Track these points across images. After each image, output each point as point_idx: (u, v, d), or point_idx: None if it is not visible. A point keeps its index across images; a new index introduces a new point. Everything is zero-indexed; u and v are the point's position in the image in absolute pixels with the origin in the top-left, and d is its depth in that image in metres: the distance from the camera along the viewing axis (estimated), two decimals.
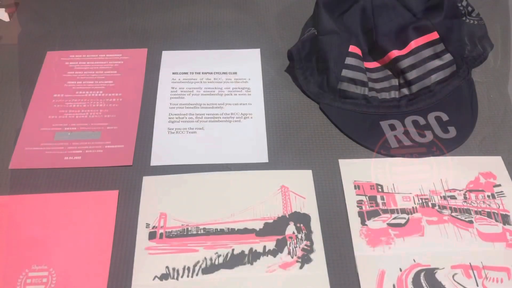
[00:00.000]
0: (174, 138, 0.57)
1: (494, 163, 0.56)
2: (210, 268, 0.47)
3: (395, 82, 0.62)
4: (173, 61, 0.65)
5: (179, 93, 0.61)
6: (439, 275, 0.47)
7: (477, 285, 0.47)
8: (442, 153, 0.56)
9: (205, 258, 0.48)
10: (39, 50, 0.66)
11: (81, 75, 0.63)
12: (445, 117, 0.59)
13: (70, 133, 0.57)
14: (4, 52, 0.65)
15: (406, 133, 0.58)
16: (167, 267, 0.47)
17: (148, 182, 0.53)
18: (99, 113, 0.59)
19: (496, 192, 0.53)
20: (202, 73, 0.64)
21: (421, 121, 0.59)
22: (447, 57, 0.61)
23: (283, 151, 0.57)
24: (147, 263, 0.47)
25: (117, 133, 0.57)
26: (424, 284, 0.47)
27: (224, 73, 0.64)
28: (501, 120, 0.60)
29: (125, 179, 0.53)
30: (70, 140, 0.56)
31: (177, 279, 0.47)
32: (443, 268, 0.48)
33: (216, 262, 0.48)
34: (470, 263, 0.48)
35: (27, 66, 0.64)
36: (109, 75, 0.63)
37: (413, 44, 0.61)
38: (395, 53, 0.61)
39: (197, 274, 0.47)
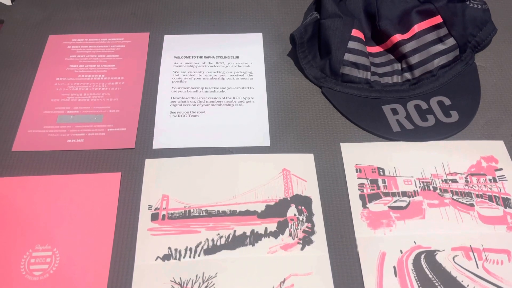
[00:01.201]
0: (176, 122, 0.57)
1: (496, 147, 0.56)
2: (212, 249, 0.48)
3: (397, 66, 0.62)
4: (175, 45, 0.65)
5: (181, 77, 0.61)
6: (439, 257, 0.47)
7: (477, 267, 0.47)
8: (444, 137, 0.56)
9: (207, 239, 0.48)
10: (41, 34, 0.66)
11: (83, 59, 0.63)
12: (447, 102, 0.59)
13: (73, 116, 0.57)
14: (6, 36, 0.65)
15: (408, 117, 0.58)
16: (169, 247, 0.48)
17: (150, 165, 0.53)
18: (101, 96, 0.59)
19: (497, 176, 0.53)
20: (204, 57, 0.64)
21: (423, 105, 0.59)
22: (450, 41, 0.61)
23: (285, 135, 0.57)
24: (150, 244, 0.48)
25: (119, 116, 0.57)
26: (424, 266, 0.47)
27: (226, 57, 0.64)
28: (504, 105, 0.60)
29: (127, 162, 0.54)
30: (73, 123, 0.56)
31: (179, 259, 0.47)
32: (444, 250, 0.48)
33: (218, 243, 0.48)
34: (470, 245, 0.48)
35: (29, 50, 0.64)
36: (111, 59, 0.63)
37: (416, 28, 0.61)
38: (397, 37, 0.61)
39: (199, 255, 0.47)
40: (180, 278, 0.46)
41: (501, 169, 0.54)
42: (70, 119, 0.57)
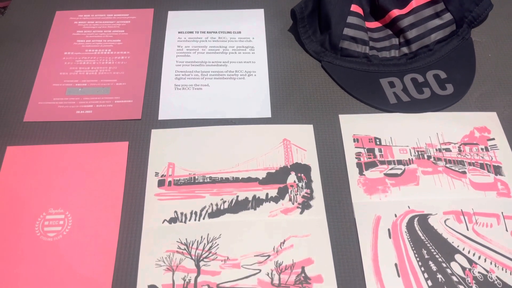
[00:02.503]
0: (181, 94, 0.59)
1: (489, 118, 0.58)
2: (216, 213, 0.50)
3: (395, 41, 0.64)
4: (178, 20, 0.67)
5: (185, 51, 0.63)
6: (431, 220, 0.50)
7: (467, 229, 0.49)
8: (439, 109, 0.58)
9: (211, 204, 0.51)
10: (48, 10, 0.67)
11: (90, 34, 0.65)
12: (443, 75, 0.61)
13: (81, 89, 0.59)
14: (14, 12, 0.67)
15: (405, 90, 0.60)
16: (175, 211, 0.50)
17: (157, 135, 0.56)
18: (108, 70, 0.61)
19: (489, 145, 0.56)
20: (207, 32, 0.65)
21: (420, 78, 0.61)
22: (447, 16, 0.62)
23: (286, 107, 0.59)
24: (157, 208, 0.50)
25: (125, 89, 0.59)
26: (417, 229, 0.49)
27: (228, 32, 0.66)
28: (498, 78, 0.62)
29: (134, 132, 0.56)
30: (81, 95, 0.58)
31: (185, 222, 0.50)
32: (436, 214, 0.50)
33: (222, 208, 0.51)
34: (461, 210, 0.51)
35: (37, 25, 0.66)
36: (117, 34, 0.65)
37: (414, 3, 0.62)
38: (395, 12, 0.62)
39: (203, 218, 0.50)
40: (186, 239, 0.48)
41: (493, 139, 0.56)
42: (79, 92, 0.59)
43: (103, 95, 0.58)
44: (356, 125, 0.57)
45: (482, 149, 0.55)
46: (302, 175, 0.53)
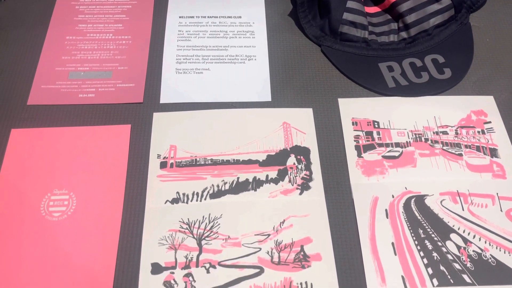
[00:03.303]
0: (182, 78, 0.60)
1: (486, 102, 0.59)
2: (217, 194, 0.51)
3: (394, 26, 0.64)
4: (179, 5, 0.67)
5: (186, 36, 0.64)
6: (428, 201, 0.51)
7: (463, 210, 0.51)
8: (436, 93, 0.59)
9: (213, 185, 0.52)
10: None
11: (91, 19, 0.65)
12: (441, 59, 0.62)
13: (83, 72, 0.60)
14: None
15: (403, 74, 0.60)
16: (177, 192, 0.51)
17: (158, 118, 0.57)
18: (110, 54, 0.62)
19: (486, 128, 0.57)
20: (208, 17, 0.66)
21: (418, 63, 0.61)
22: (446, 1, 0.63)
23: (285, 91, 0.60)
24: (159, 189, 0.51)
25: (127, 72, 0.60)
26: (414, 209, 0.51)
27: (229, 17, 0.66)
28: (495, 62, 0.62)
29: (136, 115, 0.57)
30: (84, 79, 0.59)
31: (186, 202, 0.51)
32: (432, 194, 0.52)
33: (223, 189, 0.52)
34: (457, 190, 0.52)
35: (39, 10, 0.66)
36: (118, 18, 0.65)
37: None
38: None
39: (205, 199, 0.51)
40: (188, 219, 0.50)
41: (489, 122, 0.57)
42: (81, 75, 0.59)
43: (105, 79, 0.59)
44: (355, 108, 0.58)
45: (478, 132, 0.56)
46: (302, 157, 0.54)
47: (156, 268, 0.47)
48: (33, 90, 0.58)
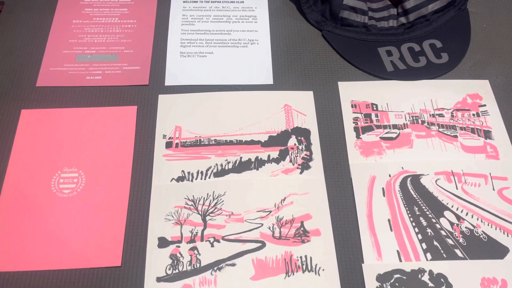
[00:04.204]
0: (186, 61, 0.62)
1: (482, 86, 0.60)
2: (221, 172, 0.53)
3: (393, 11, 0.66)
4: None
5: (190, 20, 0.65)
6: (423, 180, 0.53)
7: (457, 189, 0.53)
8: (434, 77, 0.61)
9: (216, 164, 0.54)
10: None
11: (97, 3, 0.66)
12: (439, 44, 0.63)
13: (90, 55, 0.61)
14: None
15: (402, 58, 0.62)
16: (182, 171, 0.53)
17: (164, 100, 0.58)
18: (116, 38, 0.63)
19: (481, 111, 0.58)
20: (211, 1, 0.67)
21: (416, 47, 0.63)
22: None
23: (287, 74, 0.61)
24: (165, 167, 0.53)
25: (133, 56, 0.62)
26: (410, 188, 0.53)
27: (232, 1, 0.67)
28: (492, 47, 0.64)
29: (142, 97, 0.58)
30: (91, 61, 0.61)
31: (191, 181, 0.53)
32: (428, 174, 0.54)
33: (226, 168, 0.54)
34: (452, 170, 0.54)
35: None
36: (123, 3, 0.67)
37: None
38: None
39: (209, 177, 0.53)
40: (193, 196, 0.52)
41: (484, 105, 0.59)
42: (88, 58, 0.61)
43: (111, 61, 0.61)
44: (354, 91, 0.60)
45: (473, 114, 0.58)
46: (302, 138, 0.56)
47: (163, 242, 0.49)
48: (42, 72, 0.60)
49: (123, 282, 0.47)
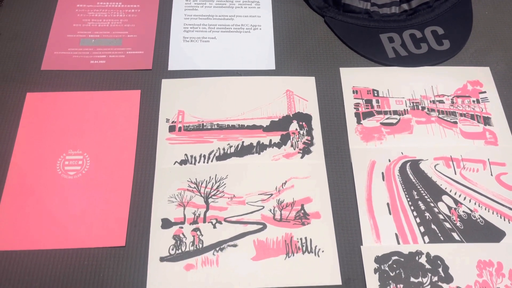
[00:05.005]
0: (189, 46, 0.62)
1: (482, 73, 0.61)
2: (223, 156, 0.54)
3: None
4: None
5: (193, 5, 0.66)
6: (422, 165, 0.54)
7: (455, 174, 0.54)
8: (435, 64, 0.61)
9: (219, 148, 0.55)
10: None
11: None
12: (440, 31, 0.63)
13: (94, 40, 0.62)
14: None
15: (403, 45, 0.62)
16: (185, 154, 0.54)
17: (167, 84, 0.59)
18: (119, 22, 0.64)
19: (481, 98, 0.59)
20: None
21: (418, 34, 0.63)
22: None
23: (289, 60, 0.62)
24: (168, 151, 0.54)
25: (136, 40, 0.62)
26: (409, 172, 0.54)
27: None
28: (493, 34, 0.64)
29: (145, 81, 0.59)
30: (95, 46, 0.61)
31: (194, 164, 0.54)
32: (427, 159, 0.54)
33: (228, 152, 0.55)
34: (450, 156, 0.55)
35: None
36: None
37: None
38: None
39: (211, 161, 0.54)
40: (196, 178, 0.53)
41: (484, 92, 0.59)
42: (92, 43, 0.62)
43: (115, 46, 0.61)
44: (356, 77, 0.60)
45: (473, 101, 0.59)
46: (304, 123, 0.57)
47: (166, 223, 0.50)
48: (46, 56, 0.60)
49: (127, 262, 0.48)
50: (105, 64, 0.60)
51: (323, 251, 0.49)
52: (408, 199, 0.52)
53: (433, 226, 0.50)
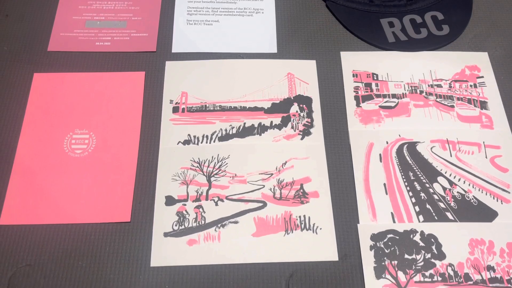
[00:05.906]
0: (192, 29, 0.63)
1: (480, 58, 0.62)
2: (225, 137, 0.56)
3: None
4: None
5: None
6: (419, 147, 0.56)
7: (451, 156, 0.55)
8: (434, 48, 0.62)
9: (221, 129, 0.56)
10: None
11: None
12: (440, 16, 0.64)
13: (99, 22, 0.63)
14: None
15: (403, 30, 0.63)
16: (188, 134, 0.56)
17: (171, 66, 0.60)
18: (124, 5, 0.65)
19: (478, 83, 0.60)
20: None
21: (418, 19, 0.64)
22: None
23: (290, 43, 0.63)
24: (172, 131, 0.56)
25: (141, 23, 0.63)
26: (406, 154, 0.55)
27: None
28: (492, 20, 0.65)
29: (150, 63, 0.60)
30: (100, 28, 0.62)
31: (197, 144, 0.55)
32: (424, 142, 0.56)
33: (230, 133, 0.56)
34: (447, 139, 0.56)
35: None
36: None
37: None
38: None
39: (214, 141, 0.55)
40: (199, 158, 0.54)
41: (482, 76, 0.61)
42: (97, 25, 0.63)
43: (120, 28, 0.62)
44: (356, 61, 0.61)
45: (471, 85, 0.60)
46: (304, 106, 0.58)
47: (170, 200, 0.52)
48: (53, 37, 0.61)
49: (132, 236, 0.50)
50: (110, 46, 0.61)
51: (321, 229, 0.50)
52: (404, 180, 0.53)
53: (428, 206, 0.52)
